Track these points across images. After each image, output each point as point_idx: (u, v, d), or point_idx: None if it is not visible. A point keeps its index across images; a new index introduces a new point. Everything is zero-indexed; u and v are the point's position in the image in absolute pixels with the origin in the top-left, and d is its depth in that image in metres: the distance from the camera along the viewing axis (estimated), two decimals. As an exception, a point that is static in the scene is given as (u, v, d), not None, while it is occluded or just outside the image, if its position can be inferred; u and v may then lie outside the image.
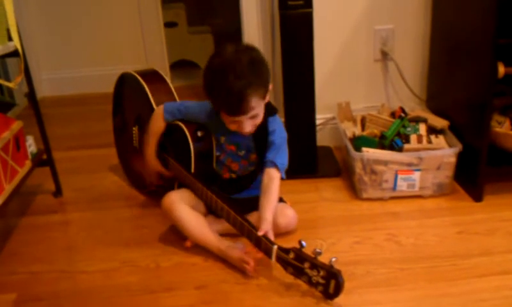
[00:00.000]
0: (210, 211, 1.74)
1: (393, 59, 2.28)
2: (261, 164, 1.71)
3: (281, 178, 1.68)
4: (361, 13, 2.23)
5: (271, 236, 1.51)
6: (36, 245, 1.81)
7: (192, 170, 1.75)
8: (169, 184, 1.84)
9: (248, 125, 1.60)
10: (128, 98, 2.10)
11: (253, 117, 1.60)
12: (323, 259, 1.38)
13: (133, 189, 2.13)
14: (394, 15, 2.25)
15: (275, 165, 1.67)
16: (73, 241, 1.84)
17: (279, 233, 1.66)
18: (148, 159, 1.89)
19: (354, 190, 1.99)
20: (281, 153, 1.69)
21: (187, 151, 1.74)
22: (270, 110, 1.71)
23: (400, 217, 1.83)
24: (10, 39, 1.73)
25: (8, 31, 1.70)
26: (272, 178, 1.66)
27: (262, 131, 1.71)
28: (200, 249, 1.67)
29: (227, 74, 1.51)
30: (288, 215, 1.71)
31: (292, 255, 1.42)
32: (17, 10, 1.74)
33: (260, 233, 1.50)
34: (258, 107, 1.58)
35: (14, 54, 1.77)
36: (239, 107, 1.54)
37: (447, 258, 1.58)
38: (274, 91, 2.35)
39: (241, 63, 1.53)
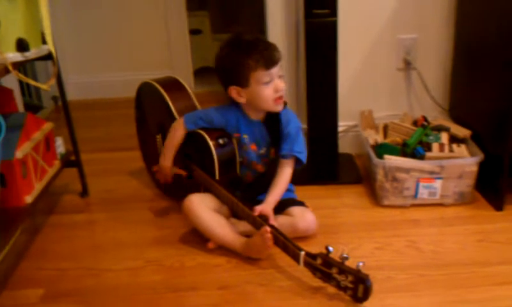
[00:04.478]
0: (234, 215, 1.78)
1: (416, 68, 2.30)
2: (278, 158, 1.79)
3: (303, 164, 1.79)
4: (385, 22, 2.25)
5: (271, 220, 1.63)
6: (63, 243, 1.86)
7: (217, 177, 1.79)
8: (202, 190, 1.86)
9: (280, 82, 1.71)
10: (150, 106, 2.14)
11: (280, 77, 1.72)
12: (349, 263, 1.41)
13: (156, 192, 2.18)
14: (418, 24, 2.26)
15: (292, 156, 1.76)
16: (99, 240, 1.88)
17: (298, 237, 1.69)
18: (162, 169, 1.92)
19: (375, 197, 2.00)
20: (298, 142, 1.77)
21: (210, 159, 1.78)
22: None
23: (421, 225, 1.84)
24: (44, 42, 1.78)
25: (43, 34, 1.76)
26: (283, 166, 1.77)
27: (276, 123, 1.79)
28: (224, 250, 1.70)
29: (254, 38, 1.73)
30: (307, 220, 1.74)
31: (319, 261, 1.45)
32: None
33: (255, 213, 1.63)
34: (280, 69, 1.73)
35: (46, 57, 1.82)
36: (274, 55, 1.69)
37: (467, 266, 1.59)
38: (298, 98, 2.37)
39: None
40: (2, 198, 1.58)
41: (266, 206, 1.67)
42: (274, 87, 1.70)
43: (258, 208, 1.65)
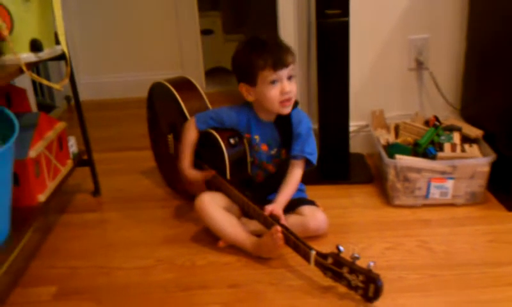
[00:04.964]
0: (245, 214, 1.79)
1: (428, 68, 2.29)
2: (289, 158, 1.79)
3: (313, 165, 1.79)
4: (397, 22, 2.25)
5: (282, 219, 1.63)
6: (75, 241, 1.87)
7: (228, 177, 1.80)
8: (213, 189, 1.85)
9: (288, 85, 1.69)
10: (161, 106, 2.15)
11: (290, 78, 1.71)
12: (360, 263, 1.41)
13: (168, 191, 2.19)
14: (430, 24, 2.26)
15: (302, 157, 1.76)
16: (111, 239, 1.90)
17: (309, 236, 1.69)
18: (185, 172, 1.89)
19: (386, 197, 2.00)
20: (309, 143, 1.78)
21: (221, 159, 1.79)
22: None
23: (432, 225, 1.83)
24: (57, 43, 1.80)
25: (56, 34, 1.77)
26: (294, 166, 1.78)
27: (287, 124, 1.79)
28: (234, 249, 1.71)
29: (270, 39, 1.74)
30: (318, 219, 1.74)
31: (330, 260, 1.45)
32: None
33: (265, 213, 1.64)
34: (293, 70, 1.72)
35: (59, 57, 1.84)
36: (285, 57, 1.68)
37: (478, 266, 1.58)
38: (309, 98, 2.38)
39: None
40: (16, 197, 1.60)
41: (276, 206, 1.68)
42: (281, 89, 1.69)
43: (269, 208, 1.65)
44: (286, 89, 1.69)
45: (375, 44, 2.29)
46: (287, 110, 1.74)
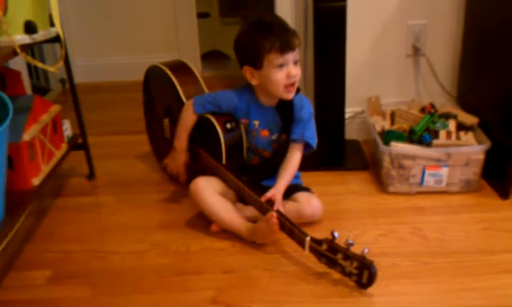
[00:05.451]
0: (240, 199, 1.78)
1: (425, 54, 2.29)
2: (288, 142, 1.80)
3: (312, 149, 1.80)
4: (395, 7, 2.24)
5: (279, 206, 1.63)
6: (69, 225, 1.87)
7: (224, 161, 1.79)
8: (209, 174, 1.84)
9: (294, 69, 1.67)
10: (158, 90, 2.14)
11: (296, 62, 1.69)
12: (354, 250, 1.42)
13: (163, 175, 2.18)
14: (428, 10, 2.25)
15: (302, 140, 1.77)
16: (106, 223, 1.89)
17: (304, 222, 1.70)
18: (177, 152, 1.91)
19: (380, 184, 2.00)
20: (309, 127, 1.78)
21: (217, 143, 1.78)
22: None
23: (426, 212, 1.84)
24: (51, 25, 1.79)
25: (50, 16, 1.76)
26: (293, 150, 1.78)
27: (289, 109, 1.78)
28: (229, 234, 1.71)
29: (275, 21, 1.71)
30: (313, 205, 1.74)
31: (325, 246, 1.46)
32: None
33: (262, 199, 1.65)
34: (298, 55, 1.70)
35: (54, 39, 1.82)
36: (291, 40, 1.65)
37: (472, 254, 1.59)
38: (305, 83, 2.37)
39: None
40: (10, 180, 1.59)
41: (277, 192, 1.68)
42: (287, 73, 1.67)
43: (269, 194, 1.65)
44: (292, 73, 1.67)
45: (372, 29, 2.28)
46: (290, 95, 1.72)
